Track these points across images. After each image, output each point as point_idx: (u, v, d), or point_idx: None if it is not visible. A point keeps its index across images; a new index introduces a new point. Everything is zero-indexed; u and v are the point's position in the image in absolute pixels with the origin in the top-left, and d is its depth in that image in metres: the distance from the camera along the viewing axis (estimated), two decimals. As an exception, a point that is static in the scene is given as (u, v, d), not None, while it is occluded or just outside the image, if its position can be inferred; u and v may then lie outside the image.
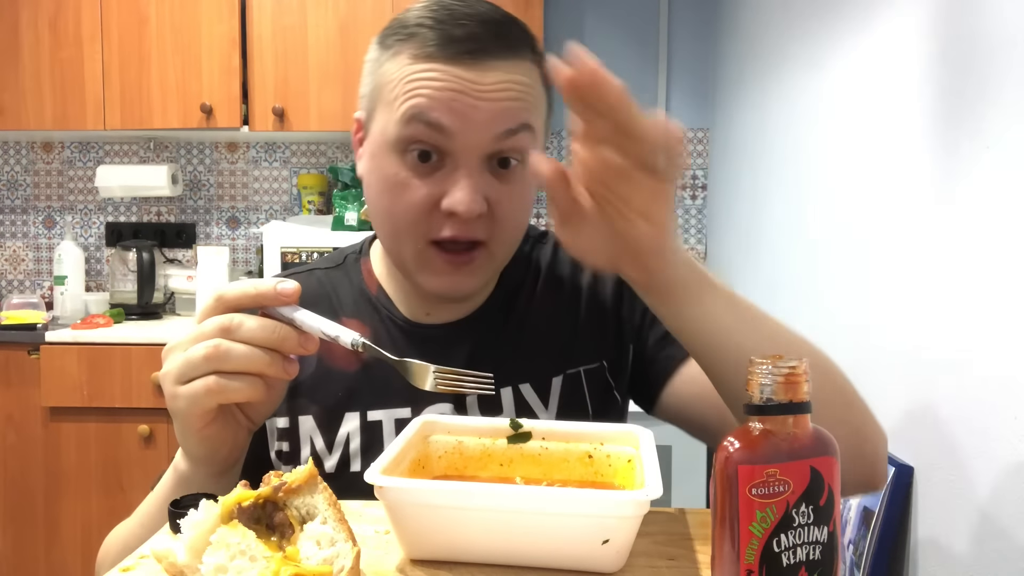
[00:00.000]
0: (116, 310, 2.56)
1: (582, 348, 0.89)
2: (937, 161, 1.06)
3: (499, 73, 0.74)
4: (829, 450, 0.49)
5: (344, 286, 0.91)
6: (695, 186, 2.79)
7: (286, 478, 0.55)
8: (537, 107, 0.78)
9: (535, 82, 0.78)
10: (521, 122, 0.75)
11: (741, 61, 2.29)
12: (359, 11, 2.49)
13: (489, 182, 0.76)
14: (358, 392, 0.84)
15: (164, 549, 0.53)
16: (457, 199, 0.74)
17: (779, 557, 0.47)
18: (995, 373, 0.89)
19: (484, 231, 0.77)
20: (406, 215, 0.77)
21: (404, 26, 0.76)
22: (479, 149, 0.75)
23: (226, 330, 0.62)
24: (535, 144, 0.78)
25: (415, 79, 0.74)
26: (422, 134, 0.74)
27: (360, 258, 0.93)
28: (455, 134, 0.74)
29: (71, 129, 2.56)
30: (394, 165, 0.77)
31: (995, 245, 0.91)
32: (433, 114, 0.73)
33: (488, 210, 0.76)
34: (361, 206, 2.66)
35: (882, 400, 1.22)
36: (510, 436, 0.70)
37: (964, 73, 0.99)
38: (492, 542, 0.57)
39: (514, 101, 0.75)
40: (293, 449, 0.85)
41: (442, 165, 0.76)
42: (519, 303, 0.91)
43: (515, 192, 0.78)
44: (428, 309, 0.88)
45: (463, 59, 0.73)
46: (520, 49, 0.76)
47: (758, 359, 0.48)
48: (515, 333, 0.89)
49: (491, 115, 0.74)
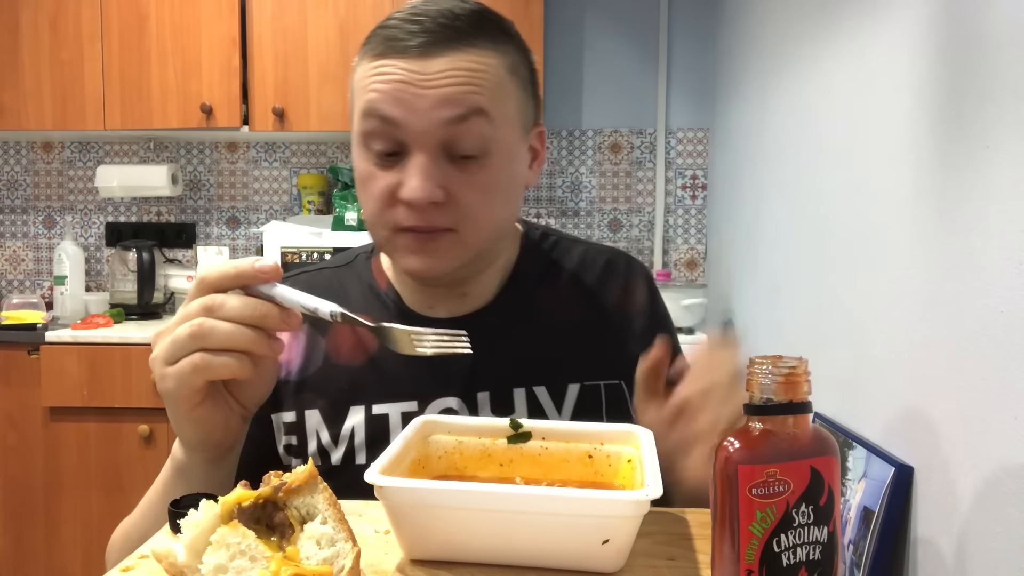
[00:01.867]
0: (116, 310, 2.56)
1: (603, 362, 0.89)
2: (937, 161, 1.06)
3: (445, 60, 0.75)
4: (829, 450, 0.49)
5: (353, 283, 0.92)
6: (695, 186, 2.79)
7: (286, 478, 0.55)
8: (495, 93, 0.77)
9: (493, 68, 0.77)
10: (471, 107, 0.75)
11: (741, 61, 2.29)
12: (359, 11, 2.49)
13: (447, 171, 0.77)
14: (364, 386, 0.85)
15: (164, 549, 0.53)
16: (409, 187, 0.75)
17: (779, 557, 0.47)
18: (995, 373, 0.89)
19: (446, 219, 0.77)
20: (373, 206, 0.79)
21: (372, 33, 0.80)
22: (429, 137, 0.76)
23: (209, 309, 0.64)
24: (497, 131, 0.78)
25: (370, 76, 0.77)
26: (377, 129, 0.76)
27: (371, 256, 0.95)
28: (403, 124, 0.75)
29: (71, 129, 2.56)
30: (363, 159, 0.79)
31: (995, 245, 0.91)
32: (383, 108, 0.75)
33: (450, 199, 0.77)
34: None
35: (882, 400, 1.22)
36: (510, 436, 0.70)
37: (964, 73, 0.99)
38: (492, 542, 0.57)
39: (461, 86, 0.75)
40: (300, 443, 0.86)
41: (401, 157, 0.77)
42: (537, 302, 0.90)
43: (478, 182, 0.78)
44: (430, 303, 0.88)
45: (408, 52, 0.75)
46: (475, 37, 0.77)
47: (758, 359, 0.48)
48: (531, 333, 0.88)
49: (435, 102, 0.75)
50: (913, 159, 1.13)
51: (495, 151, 0.78)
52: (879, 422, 1.22)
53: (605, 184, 2.81)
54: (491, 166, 0.78)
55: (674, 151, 2.78)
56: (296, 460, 0.87)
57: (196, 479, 0.72)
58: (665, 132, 2.76)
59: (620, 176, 2.81)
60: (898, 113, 1.18)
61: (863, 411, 1.29)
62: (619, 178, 2.81)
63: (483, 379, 0.84)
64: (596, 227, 2.81)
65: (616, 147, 2.79)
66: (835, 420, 1.39)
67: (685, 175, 2.79)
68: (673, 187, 2.79)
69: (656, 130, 2.77)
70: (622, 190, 2.81)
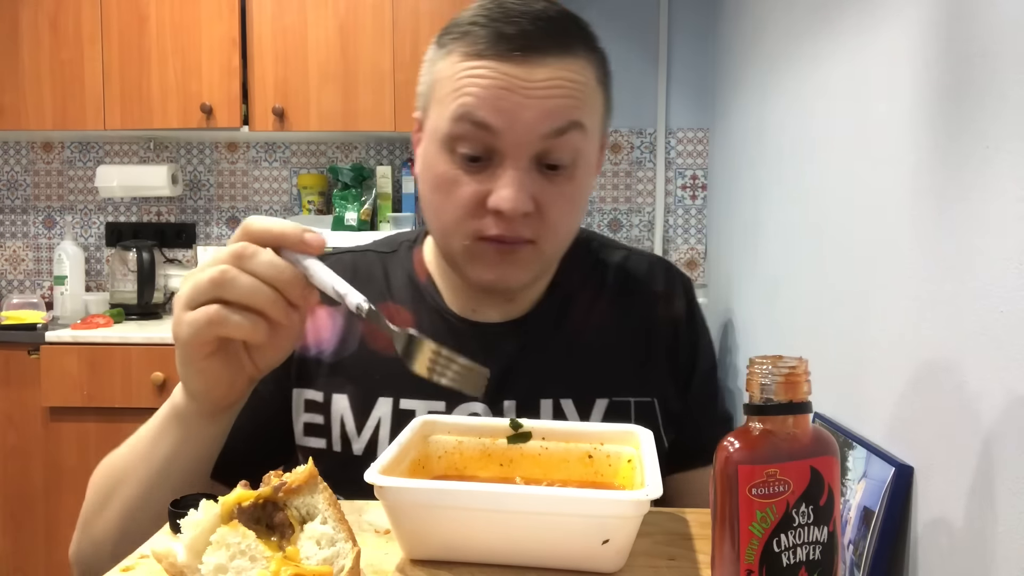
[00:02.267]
0: (116, 310, 2.56)
1: (636, 377, 0.86)
2: (937, 160, 1.06)
3: (549, 70, 0.73)
4: (829, 450, 0.49)
5: (397, 271, 0.90)
6: (695, 186, 2.79)
7: (286, 478, 0.55)
8: (590, 105, 0.76)
9: (589, 79, 0.76)
10: (570, 120, 0.74)
11: (741, 61, 2.29)
12: (359, 11, 2.49)
13: (537, 181, 0.75)
14: (394, 378, 0.82)
15: (164, 549, 0.53)
16: (502, 197, 0.73)
17: (779, 557, 0.47)
18: (995, 373, 0.89)
19: (531, 230, 0.76)
20: (454, 213, 0.76)
21: (458, 25, 0.76)
22: (527, 148, 0.74)
23: (239, 257, 0.62)
24: (587, 143, 0.76)
25: (464, 77, 0.74)
26: (469, 133, 0.74)
27: (413, 246, 0.93)
28: (501, 133, 0.73)
29: (71, 129, 2.56)
30: (444, 163, 0.76)
31: (995, 245, 0.91)
32: (480, 113, 0.73)
33: (536, 210, 0.75)
34: (360, 206, 2.66)
35: (882, 400, 1.21)
36: (510, 436, 0.70)
37: (964, 73, 0.99)
38: (492, 542, 0.57)
39: (564, 99, 0.73)
40: (325, 425, 0.84)
41: (490, 163, 0.75)
42: (574, 311, 0.88)
43: (565, 193, 0.76)
44: (475, 306, 0.87)
45: (512, 56, 0.72)
46: (573, 46, 0.75)
47: (758, 359, 0.48)
48: (565, 343, 0.86)
49: (539, 113, 0.73)
50: (913, 159, 1.13)
51: (581, 163, 0.77)
52: (879, 422, 1.22)
53: (605, 184, 2.81)
54: (577, 177, 0.77)
55: (674, 151, 2.78)
56: (314, 440, 0.85)
57: (190, 429, 0.71)
58: (665, 132, 2.76)
59: (620, 176, 2.81)
60: (898, 112, 1.18)
61: (863, 411, 1.29)
62: (619, 178, 2.81)
63: (513, 387, 0.83)
64: (596, 227, 2.81)
65: (616, 147, 2.79)
66: (835, 420, 1.39)
67: (685, 175, 2.79)
68: (673, 187, 2.79)
69: (656, 130, 2.77)
70: (622, 190, 2.81)
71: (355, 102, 2.50)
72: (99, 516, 0.77)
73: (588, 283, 0.90)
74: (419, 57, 2.95)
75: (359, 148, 2.85)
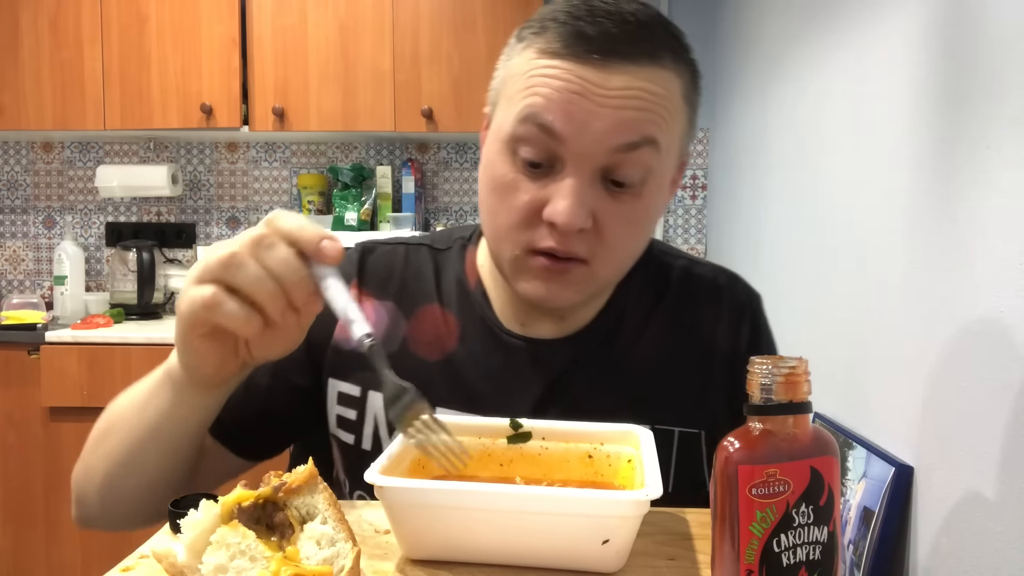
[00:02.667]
0: (116, 310, 2.56)
1: (684, 406, 0.80)
2: (937, 160, 1.06)
3: (628, 77, 0.67)
4: (829, 450, 0.49)
5: (448, 272, 0.85)
6: (695, 186, 2.79)
7: (286, 478, 0.55)
8: (669, 122, 0.70)
9: (672, 94, 0.70)
10: (644, 135, 0.68)
11: (741, 61, 2.29)
12: (359, 11, 2.49)
13: (599, 196, 0.69)
14: (432, 385, 0.78)
15: (164, 549, 0.53)
16: (558, 209, 0.68)
17: (779, 557, 0.47)
18: (995, 373, 0.89)
19: (586, 248, 0.70)
20: (508, 219, 0.71)
21: (541, 19, 0.71)
22: (592, 159, 0.68)
23: (256, 244, 0.59)
24: (660, 162, 0.70)
25: (536, 75, 0.68)
26: (533, 136, 0.68)
27: (467, 245, 0.87)
28: (567, 140, 0.67)
29: (71, 129, 2.56)
30: (505, 164, 0.71)
31: (995, 245, 0.91)
32: (547, 116, 0.67)
33: (594, 227, 0.70)
34: (360, 206, 2.66)
35: (882, 400, 1.22)
36: (510, 436, 0.70)
37: (964, 73, 0.99)
38: (492, 542, 0.57)
39: (640, 111, 0.67)
40: (358, 420, 0.82)
41: (552, 170, 0.70)
42: (628, 329, 0.82)
43: (628, 213, 0.70)
44: (523, 319, 0.82)
45: (590, 58, 0.67)
46: (660, 55, 0.69)
47: (758, 359, 0.48)
48: (614, 364, 0.81)
49: (611, 124, 0.67)
50: (913, 159, 1.13)
51: (651, 182, 0.71)
52: (879, 422, 1.22)
53: (605, 184, 2.81)
54: (644, 196, 0.71)
55: (674, 151, 2.78)
56: (345, 434, 0.83)
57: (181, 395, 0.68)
58: (665, 132, 2.76)
59: (620, 176, 2.80)
60: (898, 113, 1.18)
61: (863, 411, 1.29)
62: (619, 178, 2.80)
63: (553, 405, 0.78)
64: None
65: (616, 147, 2.79)
66: (835, 420, 1.39)
67: (685, 175, 2.79)
68: (673, 187, 2.79)
69: (656, 130, 2.76)
70: (622, 190, 2.80)
71: (355, 102, 2.50)
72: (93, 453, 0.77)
73: (644, 298, 0.84)
74: (419, 57, 2.94)
75: (359, 148, 2.85)
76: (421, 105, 2.49)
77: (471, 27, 2.49)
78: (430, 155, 2.84)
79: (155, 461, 0.72)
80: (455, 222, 2.86)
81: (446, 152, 2.84)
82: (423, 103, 2.49)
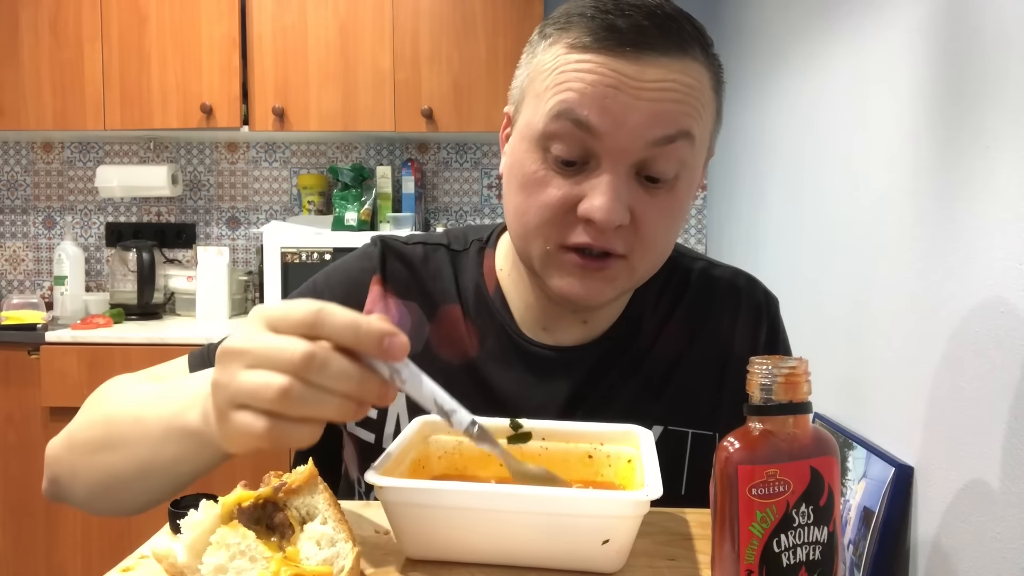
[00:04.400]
0: (116, 310, 2.56)
1: (699, 408, 0.80)
2: (937, 161, 1.06)
3: (663, 70, 0.66)
4: (829, 450, 0.49)
5: (466, 275, 0.84)
6: (695, 186, 2.79)
7: (286, 478, 0.55)
8: (702, 113, 0.69)
9: (703, 86, 0.69)
10: (680, 128, 0.67)
11: (741, 61, 2.29)
12: (359, 11, 2.49)
13: (636, 192, 0.68)
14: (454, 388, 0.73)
15: (164, 549, 0.53)
16: (596, 206, 0.66)
17: (779, 557, 0.47)
18: (995, 373, 0.89)
19: (623, 244, 0.69)
20: (539, 215, 0.70)
21: (566, 14, 0.70)
22: (630, 154, 0.67)
23: (308, 365, 0.48)
24: (694, 156, 0.70)
25: (568, 71, 0.67)
26: (568, 132, 0.67)
27: (485, 247, 0.85)
28: (604, 135, 0.66)
29: (71, 129, 2.56)
30: (535, 161, 0.70)
31: (995, 245, 0.91)
32: (583, 111, 0.66)
33: (632, 223, 0.68)
34: (360, 206, 2.66)
35: (882, 400, 1.22)
36: (510, 436, 0.70)
37: (964, 73, 0.99)
38: (492, 542, 0.57)
39: (676, 103, 0.66)
40: (379, 420, 0.81)
41: (585, 167, 0.68)
42: (645, 333, 0.82)
43: (664, 207, 0.70)
44: (545, 323, 0.80)
45: (623, 51, 0.65)
46: (690, 47, 0.68)
47: (758, 359, 0.48)
48: (631, 367, 0.80)
49: (648, 117, 0.66)
50: (913, 159, 1.13)
51: (685, 175, 0.70)
52: (879, 422, 1.22)
53: (605, 184, 2.80)
54: (678, 191, 0.70)
55: (674, 151, 2.78)
56: (364, 432, 0.81)
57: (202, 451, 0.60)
58: (665, 132, 2.76)
59: (620, 176, 2.80)
60: (898, 113, 1.18)
61: (863, 411, 1.29)
62: (619, 178, 2.80)
63: (575, 410, 0.78)
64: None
65: (616, 147, 2.79)
66: (835, 420, 1.39)
67: (685, 175, 2.79)
68: (673, 187, 2.79)
69: (656, 130, 2.77)
70: (622, 190, 2.80)
71: (355, 102, 2.50)
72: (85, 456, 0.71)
73: (662, 300, 0.83)
74: (419, 57, 2.93)
75: (359, 148, 2.85)
76: (421, 105, 2.49)
77: (471, 27, 2.49)
78: (430, 155, 2.84)
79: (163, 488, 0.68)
80: (455, 222, 2.86)
81: (446, 152, 2.84)
82: (423, 103, 2.49)
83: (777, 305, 0.89)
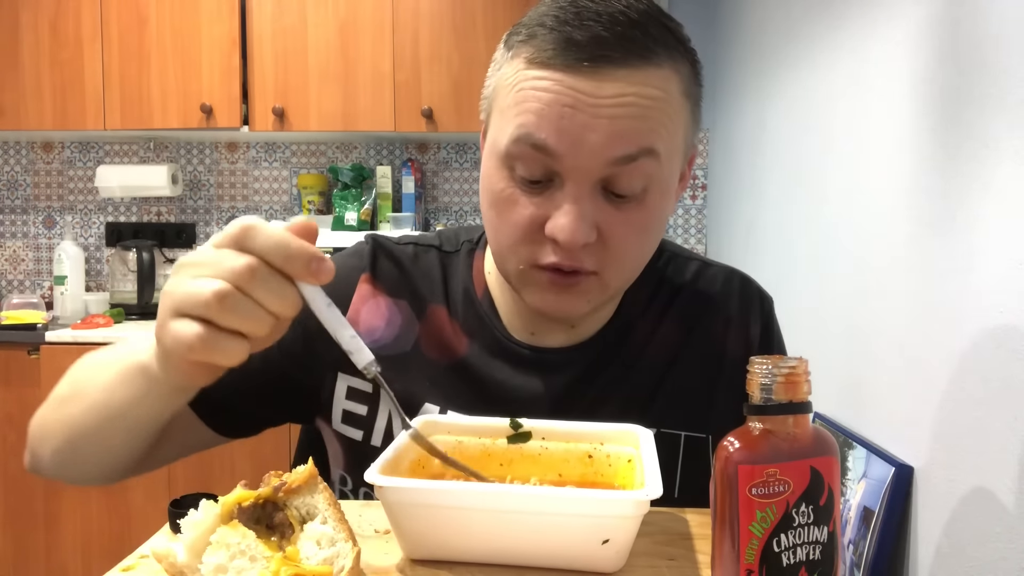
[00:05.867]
0: (116, 310, 2.56)
1: (691, 410, 0.80)
2: (937, 160, 1.06)
3: (621, 84, 0.64)
4: (829, 450, 0.49)
5: (455, 278, 0.84)
6: (695, 186, 2.79)
7: (286, 478, 0.55)
8: (668, 126, 0.67)
9: (670, 94, 0.67)
10: (642, 146, 0.66)
11: (741, 61, 2.29)
12: (359, 11, 2.49)
13: (601, 208, 0.68)
14: (444, 387, 0.78)
15: (164, 549, 0.53)
16: (559, 226, 0.66)
17: (779, 557, 0.47)
18: (995, 373, 0.89)
19: (593, 261, 0.69)
20: (510, 235, 0.70)
21: (527, 24, 0.69)
22: (591, 173, 0.66)
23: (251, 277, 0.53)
24: (661, 170, 0.68)
25: (526, 88, 0.66)
26: (528, 155, 0.67)
27: (475, 250, 0.85)
28: (563, 156, 0.65)
29: (71, 129, 2.56)
30: (503, 179, 0.70)
31: (995, 245, 0.91)
32: (540, 135, 0.65)
33: (599, 239, 0.68)
34: (360, 206, 2.66)
35: (882, 400, 1.22)
36: (510, 436, 0.70)
37: (964, 73, 0.99)
38: (492, 542, 0.57)
39: (636, 119, 0.65)
40: (369, 416, 0.80)
41: (551, 185, 0.68)
42: (637, 335, 0.82)
43: (633, 221, 0.69)
44: (533, 328, 0.81)
45: (580, 67, 0.64)
46: (654, 54, 0.66)
47: (758, 359, 0.48)
48: (623, 369, 0.80)
49: (606, 136, 0.64)
50: (913, 159, 1.13)
51: (654, 189, 0.69)
52: (879, 422, 1.22)
53: (605, 184, 2.81)
54: (647, 204, 0.69)
55: (674, 151, 2.78)
56: (352, 430, 0.81)
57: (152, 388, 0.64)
58: (665, 132, 2.76)
59: (620, 176, 2.81)
60: (898, 113, 1.18)
61: (863, 411, 1.29)
62: (619, 178, 2.81)
63: (566, 411, 0.77)
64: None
65: (616, 147, 2.79)
66: (835, 420, 1.39)
67: (685, 175, 2.79)
68: (673, 187, 2.79)
69: (656, 130, 2.77)
70: (622, 190, 2.81)
71: (355, 102, 2.50)
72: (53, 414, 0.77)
73: (654, 303, 0.83)
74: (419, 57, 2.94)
75: (359, 148, 2.85)
76: (421, 105, 2.49)
77: (471, 27, 2.49)
78: (430, 155, 2.84)
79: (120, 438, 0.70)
80: (455, 222, 2.86)
81: (446, 152, 2.84)
82: (423, 103, 2.49)
83: (772, 305, 0.88)
